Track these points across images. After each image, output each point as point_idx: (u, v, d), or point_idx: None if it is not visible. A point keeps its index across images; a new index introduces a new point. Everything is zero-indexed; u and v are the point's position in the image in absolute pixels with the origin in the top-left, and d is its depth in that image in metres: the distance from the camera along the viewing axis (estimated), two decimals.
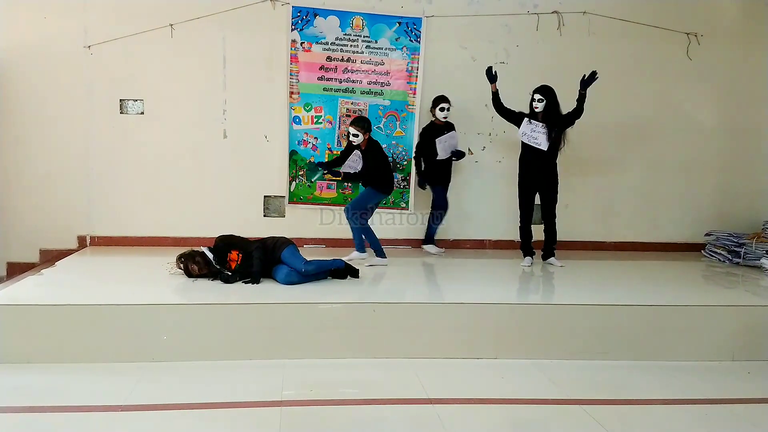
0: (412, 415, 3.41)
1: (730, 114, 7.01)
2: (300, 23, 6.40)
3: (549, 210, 5.83)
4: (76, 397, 3.54)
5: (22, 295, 4.43)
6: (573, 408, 3.53)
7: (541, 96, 5.57)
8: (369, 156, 5.60)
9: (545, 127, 5.60)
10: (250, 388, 3.68)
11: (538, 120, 5.62)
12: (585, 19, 6.61)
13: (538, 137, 5.62)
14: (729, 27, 6.93)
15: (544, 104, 5.57)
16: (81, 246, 6.39)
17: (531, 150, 5.68)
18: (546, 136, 5.60)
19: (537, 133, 5.62)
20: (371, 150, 5.61)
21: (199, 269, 4.84)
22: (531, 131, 5.64)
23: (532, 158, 5.70)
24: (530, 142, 5.65)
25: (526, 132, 5.65)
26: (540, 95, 5.57)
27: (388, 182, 5.72)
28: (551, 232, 5.89)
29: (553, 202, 5.81)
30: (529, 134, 5.64)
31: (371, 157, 5.61)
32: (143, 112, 6.39)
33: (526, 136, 5.65)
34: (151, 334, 4.06)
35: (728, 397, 3.79)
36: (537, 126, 5.62)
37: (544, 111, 5.59)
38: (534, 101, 5.59)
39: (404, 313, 4.32)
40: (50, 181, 6.31)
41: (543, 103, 5.56)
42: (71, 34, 6.21)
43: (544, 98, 5.56)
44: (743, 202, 7.04)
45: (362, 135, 5.52)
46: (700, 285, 5.61)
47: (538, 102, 5.57)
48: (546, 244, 5.94)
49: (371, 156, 5.60)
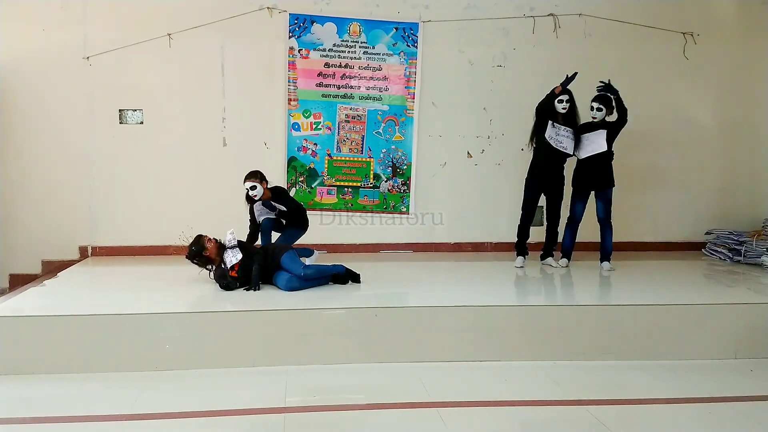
0: (417, 420, 3.41)
1: (729, 112, 7.03)
2: (297, 30, 6.43)
3: (554, 211, 5.85)
4: (80, 407, 3.54)
5: (25, 306, 4.44)
6: (577, 409, 3.53)
7: (568, 97, 5.60)
8: (283, 200, 5.46)
9: (569, 131, 5.65)
10: (253, 395, 3.68)
11: (560, 123, 5.64)
12: (581, 21, 6.63)
13: (563, 141, 5.66)
14: (725, 25, 6.95)
15: (569, 105, 5.60)
16: (83, 256, 6.41)
17: (548, 153, 5.68)
18: (570, 139, 5.64)
19: (561, 137, 5.65)
20: (280, 194, 5.49)
21: (210, 250, 4.86)
22: (556, 134, 5.66)
23: (547, 160, 5.71)
24: (557, 146, 5.66)
25: (552, 136, 5.66)
26: (567, 96, 5.59)
27: (306, 219, 5.69)
28: (553, 233, 5.91)
29: (558, 204, 5.84)
30: (555, 138, 5.66)
31: (288, 198, 5.55)
32: (143, 121, 6.42)
33: (552, 139, 5.66)
34: (154, 344, 4.05)
35: (732, 395, 3.77)
36: (560, 129, 5.64)
37: (567, 113, 5.63)
38: (562, 102, 5.59)
39: (407, 317, 4.32)
40: (51, 192, 6.32)
41: (569, 104, 5.60)
42: (70, 45, 6.24)
43: (570, 99, 5.60)
44: (743, 200, 7.05)
45: (259, 185, 5.31)
46: (701, 284, 5.61)
47: (566, 103, 5.59)
48: (546, 245, 5.98)
49: (286, 198, 5.53)
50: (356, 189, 6.64)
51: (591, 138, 5.69)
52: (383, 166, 6.65)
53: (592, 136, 5.69)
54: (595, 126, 5.69)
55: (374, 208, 6.66)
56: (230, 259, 4.83)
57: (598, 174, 5.74)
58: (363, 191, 6.63)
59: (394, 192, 6.67)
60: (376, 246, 6.69)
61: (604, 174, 5.75)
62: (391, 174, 6.66)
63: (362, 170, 6.57)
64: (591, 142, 5.69)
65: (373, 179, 6.64)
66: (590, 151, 5.69)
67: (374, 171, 6.64)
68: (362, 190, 6.63)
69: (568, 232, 5.93)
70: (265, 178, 5.43)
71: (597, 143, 5.66)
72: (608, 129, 5.66)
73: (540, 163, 5.77)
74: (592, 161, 5.71)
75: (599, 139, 5.65)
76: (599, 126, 5.68)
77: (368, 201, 6.63)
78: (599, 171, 5.73)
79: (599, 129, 5.67)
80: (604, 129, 5.66)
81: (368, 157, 6.62)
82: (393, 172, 6.66)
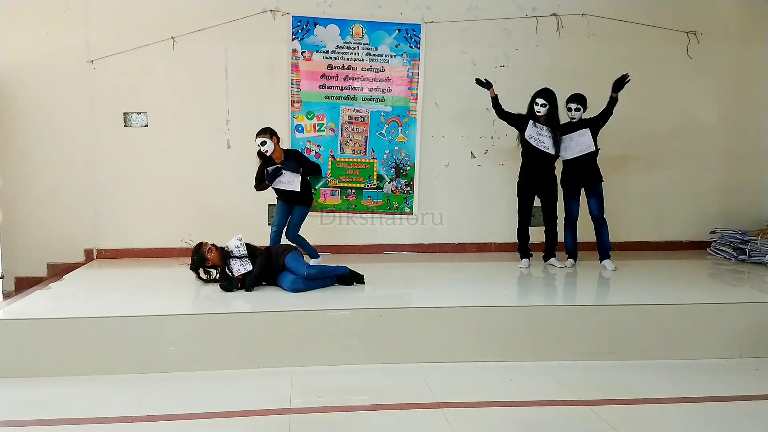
0: (421, 420, 3.42)
1: (733, 111, 7.02)
2: (300, 33, 6.45)
3: (550, 211, 5.85)
4: (85, 409, 3.56)
5: (31, 309, 4.46)
6: (581, 409, 3.53)
7: (545, 101, 5.58)
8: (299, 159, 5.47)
9: (550, 131, 5.63)
10: (258, 397, 3.69)
11: (542, 123, 5.63)
12: (584, 20, 6.63)
13: (544, 140, 5.64)
14: (728, 24, 6.94)
15: (547, 109, 5.58)
16: (88, 259, 6.43)
17: (533, 154, 5.69)
18: (552, 139, 5.62)
19: (543, 137, 5.64)
20: (296, 154, 5.47)
21: (212, 258, 4.86)
22: (537, 134, 5.65)
23: (534, 161, 5.71)
24: (537, 145, 5.65)
25: (533, 135, 5.66)
26: (543, 100, 5.58)
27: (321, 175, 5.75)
28: (552, 234, 5.92)
29: (554, 204, 5.83)
30: (535, 137, 5.65)
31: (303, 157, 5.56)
32: (147, 124, 6.44)
33: (533, 138, 5.66)
34: (160, 345, 4.07)
35: (737, 394, 3.77)
36: (542, 129, 5.64)
37: (547, 115, 5.61)
38: (537, 105, 5.60)
39: (411, 317, 4.33)
40: (56, 195, 6.35)
41: (546, 108, 5.58)
42: (74, 48, 6.27)
43: (548, 103, 5.58)
44: (747, 199, 7.04)
45: (269, 140, 5.30)
46: (706, 283, 5.60)
47: (541, 107, 5.58)
48: (547, 245, 5.98)
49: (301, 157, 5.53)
50: (360, 190, 6.65)
51: (576, 139, 5.67)
52: (386, 167, 6.66)
53: (576, 136, 5.67)
54: (576, 126, 5.68)
55: (378, 209, 6.67)
56: (238, 269, 4.84)
57: (585, 171, 5.74)
58: (366, 192, 6.64)
59: (397, 193, 6.68)
60: (379, 247, 6.70)
61: (590, 170, 5.75)
62: (394, 175, 6.67)
63: (366, 171, 6.58)
64: (577, 143, 5.67)
65: (377, 180, 6.65)
66: (578, 151, 5.67)
67: (378, 172, 6.65)
68: (366, 191, 6.64)
69: (568, 231, 5.93)
70: (276, 134, 5.46)
71: (584, 143, 5.65)
72: (591, 126, 5.64)
73: (528, 165, 5.77)
74: (577, 159, 5.70)
75: (585, 139, 5.64)
76: (579, 125, 5.67)
77: (372, 202, 6.63)
78: (586, 168, 5.73)
79: (581, 128, 5.65)
80: (586, 127, 5.64)
81: (371, 158, 6.63)
82: (396, 173, 6.67)
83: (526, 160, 5.80)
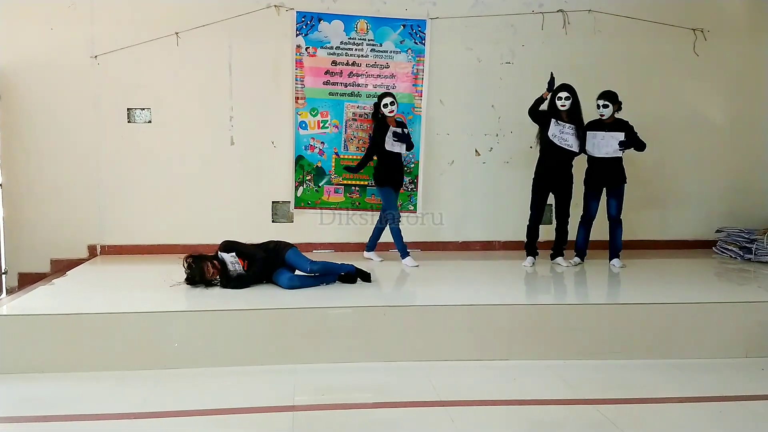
0: (425, 418, 3.40)
1: (739, 109, 6.98)
2: (304, 28, 6.42)
3: (563, 210, 5.81)
4: (89, 405, 3.56)
5: (34, 305, 4.46)
6: (587, 408, 3.51)
7: (568, 93, 5.54)
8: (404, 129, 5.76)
9: (573, 129, 5.59)
10: (262, 394, 3.68)
11: (564, 120, 5.60)
12: (590, 17, 6.60)
13: (567, 138, 5.61)
14: (735, 22, 6.90)
15: (570, 102, 5.54)
16: (92, 255, 6.43)
17: (553, 150, 5.64)
18: (575, 137, 5.59)
19: (566, 135, 5.60)
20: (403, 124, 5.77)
21: (213, 272, 4.77)
22: (560, 132, 5.61)
23: (552, 158, 5.66)
24: (561, 144, 5.61)
25: (556, 134, 5.61)
26: (567, 92, 5.53)
27: None
28: (563, 232, 5.88)
29: (567, 202, 5.80)
30: (559, 136, 5.61)
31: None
32: (151, 120, 6.43)
33: (556, 138, 5.61)
34: (163, 342, 4.07)
35: (742, 393, 3.75)
36: (564, 127, 5.59)
37: (569, 110, 5.57)
38: (561, 100, 5.54)
39: (415, 315, 4.31)
40: (60, 191, 6.34)
41: (570, 101, 5.54)
42: (78, 44, 6.26)
43: (571, 96, 5.54)
44: (754, 197, 7.00)
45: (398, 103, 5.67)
46: (712, 282, 5.57)
47: (565, 100, 5.53)
48: (556, 244, 5.94)
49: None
50: (363, 188, 6.63)
51: (607, 138, 5.64)
52: None
53: (608, 136, 5.64)
54: (609, 125, 5.64)
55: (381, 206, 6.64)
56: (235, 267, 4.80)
57: (610, 171, 5.71)
58: (370, 190, 6.61)
59: (401, 190, 6.65)
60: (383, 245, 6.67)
61: (616, 171, 5.72)
62: None
63: (370, 169, 6.55)
64: (607, 144, 5.64)
65: None
66: (605, 153, 5.65)
67: None
68: (369, 188, 6.61)
69: (582, 230, 5.90)
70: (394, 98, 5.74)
71: (613, 147, 5.63)
72: (626, 134, 5.61)
73: (546, 163, 5.72)
74: (604, 158, 5.68)
75: (614, 143, 5.61)
76: (615, 126, 5.64)
77: (375, 200, 6.61)
78: (611, 168, 5.70)
79: (616, 131, 5.62)
80: (622, 132, 5.62)
81: None
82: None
83: (543, 158, 5.75)
